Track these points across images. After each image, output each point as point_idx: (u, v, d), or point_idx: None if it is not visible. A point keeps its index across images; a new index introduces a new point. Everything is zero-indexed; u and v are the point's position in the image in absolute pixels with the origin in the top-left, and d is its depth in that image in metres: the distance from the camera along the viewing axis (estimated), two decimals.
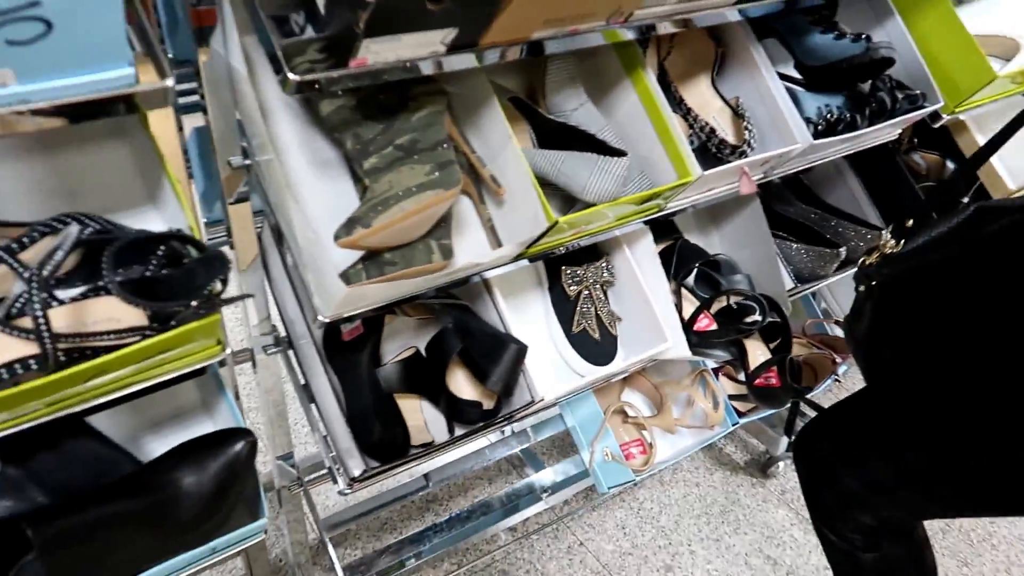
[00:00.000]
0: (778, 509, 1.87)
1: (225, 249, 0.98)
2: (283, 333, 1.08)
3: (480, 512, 1.51)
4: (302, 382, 1.05)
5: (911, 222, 1.02)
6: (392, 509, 1.71)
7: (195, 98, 0.83)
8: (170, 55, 0.80)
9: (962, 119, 1.54)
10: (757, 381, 1.23)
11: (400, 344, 1.11)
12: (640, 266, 1.19)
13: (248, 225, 0.95)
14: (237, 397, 1.22)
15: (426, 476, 1.53)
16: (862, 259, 1.04)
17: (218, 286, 0.68)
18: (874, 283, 0.99)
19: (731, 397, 1.42)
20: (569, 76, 1.04)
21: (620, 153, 0.94)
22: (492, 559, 1.66)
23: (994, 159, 1.65)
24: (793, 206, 1.50)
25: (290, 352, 1.08)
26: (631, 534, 1.76)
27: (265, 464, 1.58)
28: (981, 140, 1.65)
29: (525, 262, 1.01)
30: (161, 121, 0.83)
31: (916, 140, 1.65)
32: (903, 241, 1.00)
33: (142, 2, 0.74)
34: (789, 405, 1.25)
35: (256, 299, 1.06)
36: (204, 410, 0.97)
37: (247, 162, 0.87)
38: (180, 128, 0.89)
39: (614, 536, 1.75)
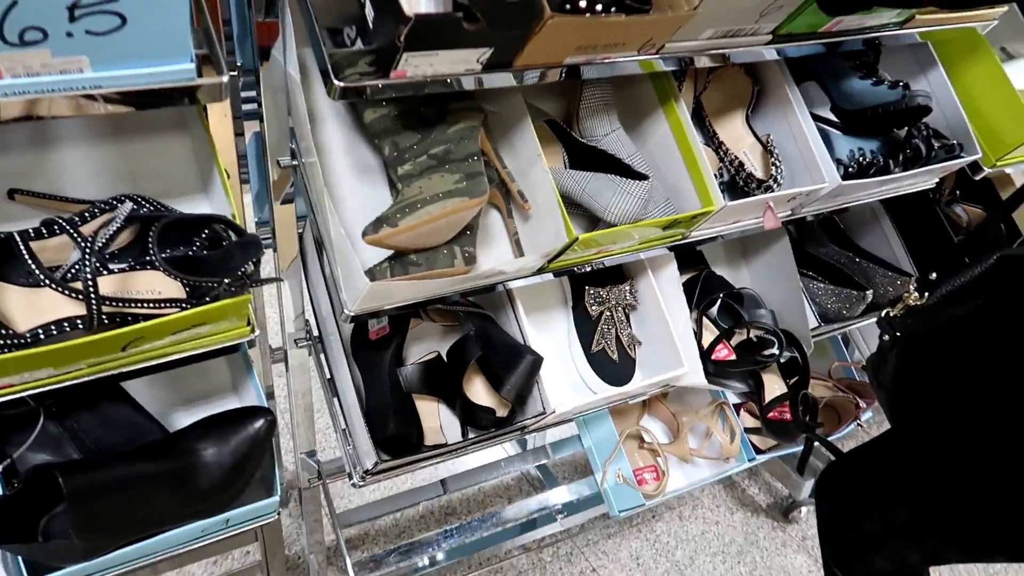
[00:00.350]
0: (797, 555, 1.84)
1: (269, 252, 1.06)
2: (316, 332, 1.14)
3: (493, 524, 1.53)
4: (328, 376, 1.11)
5: (935, 275, 1.02)
6: (411, 518, 1.75)
7: (255, 105, 0.91)
8: (239, 63, 0.88)
9: (1008, 172, 1.53)
10: (771, 414, 1.23)
11: (424, 348, 1.16)
12: (663, 292, 1.22)
13: (291, 226, 1.01)
14: (271, 397, 1.29)
15: (443, 483, 1.56)
16: (886, 310, 1.04)
17: (251, 268, 0.74)
18: (899, 334, 0.99)
19: (749, 430, 1.43)
20: (603, 103, 1.09)
21: (642, 177, 0.97)
22: None
23: None
24: (825, 247, 1.51)
25: (321, 352, 1.14)
26: (645, 565, 1.76)
27: (291, 464, 1.64)
28: None
29: (550, 276, 1.04)
30: (219, 119, 0.90)
31: (958, 192, 1.64)
32: (927, 294, 0.99)
33: (210, 10, 0.81)
34: (803, 442, 1.25)
35: (293, 297, 1.13)
36: (233, 392, 1.02)
37: (294, 163, 0.93)
38: (240, 133, 0.96)
39: (627, 566, 1.75)
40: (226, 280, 0.70)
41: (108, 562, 0.81)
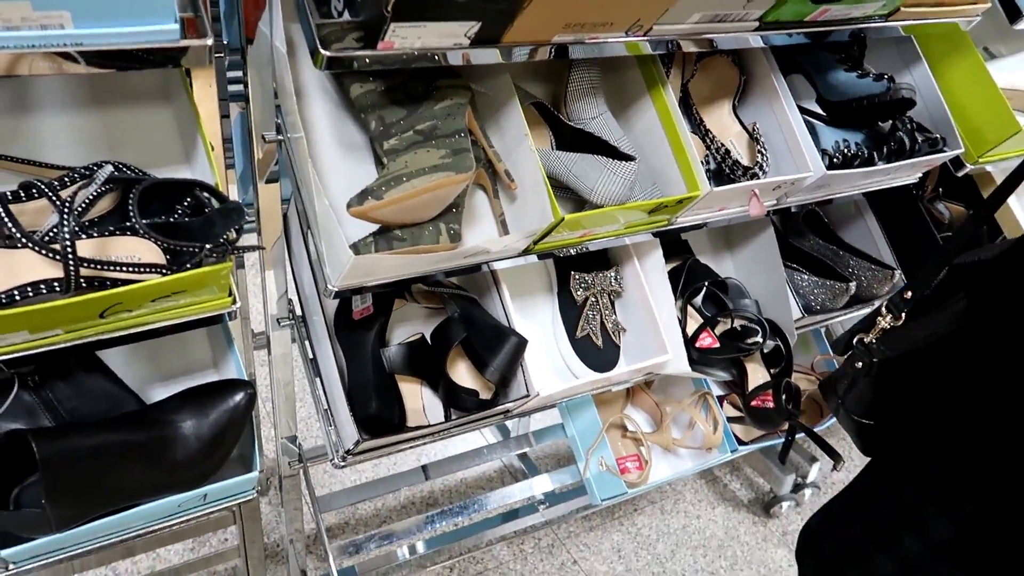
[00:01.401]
0: (777, 549, 1.85)
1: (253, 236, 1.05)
2: (300, 313, 1.13)
3: (475, 511, 1.53)
4: (310, 356, 1.10)
5: (909, 294, 0.98)
6: (392, 508, 1.74)
7: (241, 87, 0.90)
8: (225, 41, 0.87)
9: (988, 171, 1.55)
10: (754, 402, 1.24)
11: (408, 330, 1.15)
12: (648, 279, 1.22)
13: (275, 204, 1.01)
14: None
15: (425, 469, 1.56)
16: (859, 336, 0.99)
17: (233, 235, 0.73)
18: (875, 360, 0.95)
19: (731, 420, 1.43)
20: (591, 86, 1.08)
21: (629, 158, 0.97)
22: (484, 567, 1.67)
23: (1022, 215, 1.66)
24: (809, 240, 1.52)
25: (304, 333, 1.13)
26: (626, 558, 1.76)
27: (271, 453, 1.63)
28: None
29: (534, 258, 1.04)
30: (204, 91, 0.89)
31: (941, 189, 1.65)
32: (903, 314, 0.96)
33: None
34: (786, 432, 1.25)
35: (276, 279, 1.12)
36: (213, 368, 1.01)
37: (279, 138, 0.93)
38: (226, 115, 0.95)
39: (608, 558, 1.75)
40: (207, 245, 0.69)
41: (81, 535, 0.80)
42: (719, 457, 1.41)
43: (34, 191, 0.72)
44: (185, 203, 0.77)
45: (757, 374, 1.28)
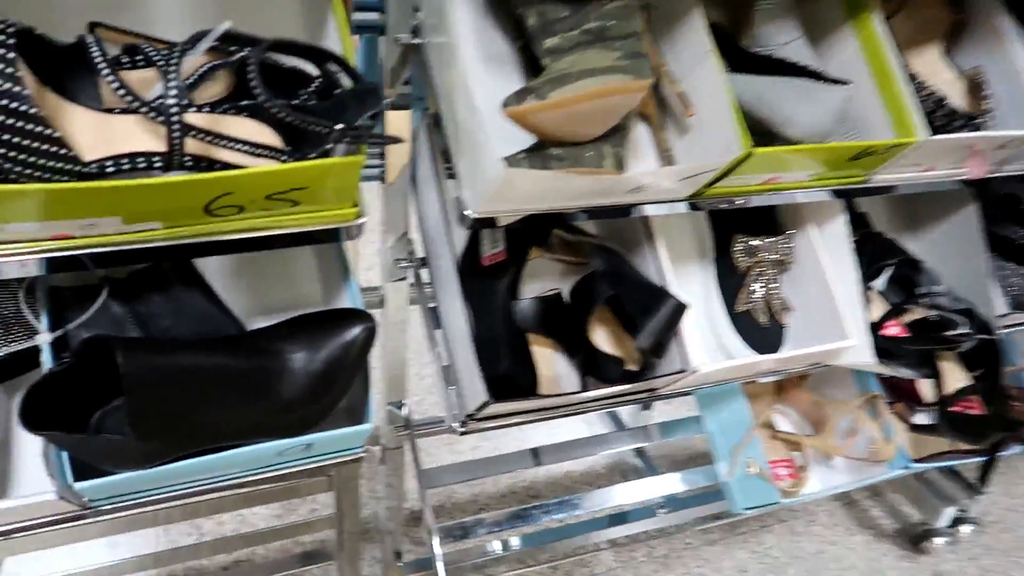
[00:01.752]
0: None
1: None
2: (421, 256, 1.00)
3: (587, 506, 1.36)
4: (431, 305, 0.96)
5: None
6: (491, 495, 1.59)
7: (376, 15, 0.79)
8: None
9: None
10: (954, 407, 1.02)
11: (541, 286, 1.00)
12: (827, 250, 1.02)
13: (404, 134, 0.88)
14: None
15: (535, 453, 1.40)
16: None
17: (367, 123, 0.59)
18: None
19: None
20: (783, 7, 0.90)
21: (840, 82, 0.79)
22: (591, 572, 1.50)
23: None
24: (1006, 228, 1.28)
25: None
26: None
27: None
28: None
29: (684, 208, 0.86)
30: None
31: None
32: None
33: None
34: (989, 448, 1.03)
35: (395, 214, 0.98)
36: (323, 306, 0.88)
37: (416, 41, 0.80)
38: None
39: None
40: (338, 126, 0.56)
41: (167, 474, 0.68)
42: (887, 473, 1.19)
43: (139, 57, 0.60)
44: (311, 87, 0.64)
45: (955, 374, 1.06)
